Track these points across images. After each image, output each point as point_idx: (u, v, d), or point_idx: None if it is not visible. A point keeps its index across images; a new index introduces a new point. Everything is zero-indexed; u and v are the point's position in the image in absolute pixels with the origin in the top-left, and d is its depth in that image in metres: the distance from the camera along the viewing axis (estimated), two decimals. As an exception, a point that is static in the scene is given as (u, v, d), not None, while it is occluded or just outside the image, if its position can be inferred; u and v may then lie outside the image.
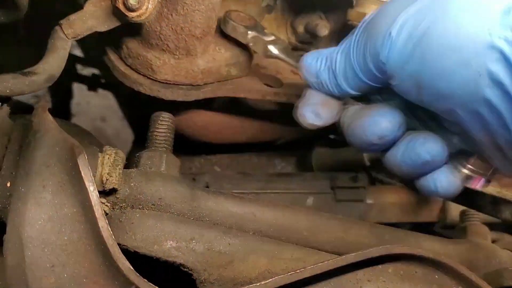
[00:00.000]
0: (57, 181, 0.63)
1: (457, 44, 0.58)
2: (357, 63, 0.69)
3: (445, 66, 0.60)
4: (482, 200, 0.95)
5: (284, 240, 0.79)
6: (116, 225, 0.70)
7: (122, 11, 0.77)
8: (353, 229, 0.84)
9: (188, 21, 0.82)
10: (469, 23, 0.58)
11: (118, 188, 0.72)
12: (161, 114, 0.82)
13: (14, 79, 0.74)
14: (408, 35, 0.62)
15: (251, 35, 0.87)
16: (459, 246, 0.91)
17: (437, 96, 0.63)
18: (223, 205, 0.78)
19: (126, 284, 0.61)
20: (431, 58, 0.60)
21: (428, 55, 0.60)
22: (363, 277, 0.70)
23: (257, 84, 0.96)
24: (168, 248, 0.69)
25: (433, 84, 0.62)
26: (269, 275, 0.71)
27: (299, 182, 1.06)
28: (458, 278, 0.71)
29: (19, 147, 0.69)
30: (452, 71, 0.59)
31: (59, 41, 0.79)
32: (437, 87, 0.62)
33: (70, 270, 0.61)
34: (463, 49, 0.58)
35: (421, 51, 0.61)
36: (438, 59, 0.60)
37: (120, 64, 0.90)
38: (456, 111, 0.63)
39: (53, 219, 0.62)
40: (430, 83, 0.62)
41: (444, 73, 0.60)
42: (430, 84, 0.62)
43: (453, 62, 0.59)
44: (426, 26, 0.60)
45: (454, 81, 0.60)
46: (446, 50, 0.59)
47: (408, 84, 0.65)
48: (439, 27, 0.60)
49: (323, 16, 1.02)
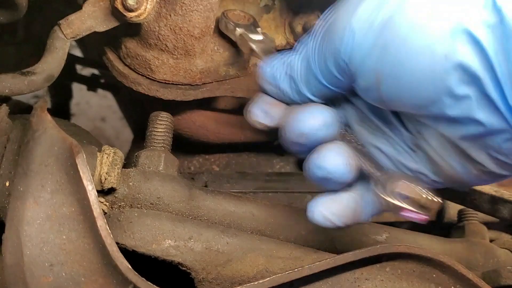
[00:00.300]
0: (56, 180, 0.63)
1: (420, 29, 0.54)
2: (318, 66, 0.64)
3: (408, 51, 0.55)
4: (480, 199, 0.95)
5: (282, 239, 0.79)
6: (115, 224, 0.70)
7: (121, 11, 0.77)
8: (351, 228, 0.84)
9: (187, 21, 0.83)
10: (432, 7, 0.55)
11: (117, 188, 0.72)
12: (159, 113, 0.82)
13: (13, 79, 0.74)
14: (369, 25, 0.57)
15: (239, 32, 0.87)
16: (457, 245, 0.91)
17: (398, 90, 0.58)
18: (221, 204, 0.78)
19: (125, 283, 0.61)
20: (393, 46, 0.56)
21: (390, 43, 0.56)
22: (361, 275, 0.70)
23: (255, 84, 0.96)
24: (167, 247, 0.70)
25: (394, 74, 0.57)
26: (267, 274, 0.71)
27: (298, 182, 1.06)
28: (456, 276, 0.71)
29: (18, 146, 0.69)
30: (415, 56, 0.55)
31: (58, 41, 0.79)
32: (399, 77, 0.57)
33: (68, 269, 0.62)
34: (427, 33, 0.54)
35: (383, 41, 0.57)
36: (401, 45, 0.55)
37: (119, 64, 0.90)
38: (418, 105, 0.58)
39: (52, 218, 0.62)
40: (391, 74, 0.57)
41: (406, 59, 0.55)
42: (391, 76, 0.57)
43: (416, 46, 0.55)
44: (388, 13, 0.56)
45: (417, 68, 0.55)
46: (409, 34, 0.55)
47: (369, 80, 0.60)
48: (402, 12, 0.55)
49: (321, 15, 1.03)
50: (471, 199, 0.96)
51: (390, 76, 0.57)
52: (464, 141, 0.58)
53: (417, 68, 0.55)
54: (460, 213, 1.03)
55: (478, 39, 0.52)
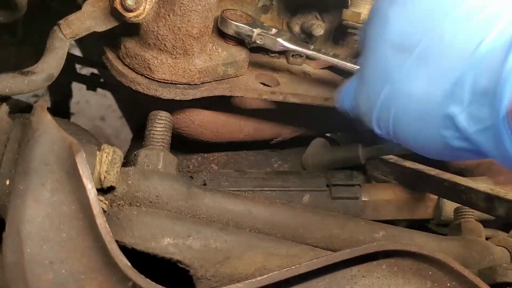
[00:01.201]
0: (56, 179, 0.64)
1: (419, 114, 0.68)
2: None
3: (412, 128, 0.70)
4: (476, 197, 0.96)
5: (280, 237, 0.80)
6: (114, 223, 0.70)
7: (120, 12, 0.78)
8: (348, 226, 0.84)
9: (185, 21, 0.83)
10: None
11: (116, 186, 0.72)
12: (158, 113, 0.83)
13: (13, 78, 0.75)
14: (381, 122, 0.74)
15: (257, 32, 0.89)
16: (453, 243, 0.92)
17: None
18: (219, 202, 0.78)
19: (124, 280, 0.62)
20: (402, 127, 0.71)
21: (399, 126, 0.71)
22: (358, 273, 0.71)
23: (253, 83, 0.97)
24: (165, 245, 0.70)
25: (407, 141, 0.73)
26: (265, 271, 0.72)
27: (296, 180, 1.07)
28: (452, 274, 0.72)
29: (18, 145, 0.70)
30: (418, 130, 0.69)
31: (57, 41, 0.80)
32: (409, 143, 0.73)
33: (68, 266, 0.62)
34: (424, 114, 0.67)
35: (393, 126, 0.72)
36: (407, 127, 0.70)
37: (118, 64, 0.90)
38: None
39: (52, 216, 0.63)
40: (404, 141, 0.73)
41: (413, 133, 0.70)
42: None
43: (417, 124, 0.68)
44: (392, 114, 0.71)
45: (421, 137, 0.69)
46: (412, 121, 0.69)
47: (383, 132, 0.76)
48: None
49: (319, 16, 1.03)
50: (467, 197, 0.97)
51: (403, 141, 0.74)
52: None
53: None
54: (456, 211, 1.04)
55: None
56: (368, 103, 0.75)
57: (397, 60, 0.69)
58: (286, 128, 1.13)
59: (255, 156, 1.16)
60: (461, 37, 0.63)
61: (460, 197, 0.98)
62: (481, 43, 0.61)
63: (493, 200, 0.94)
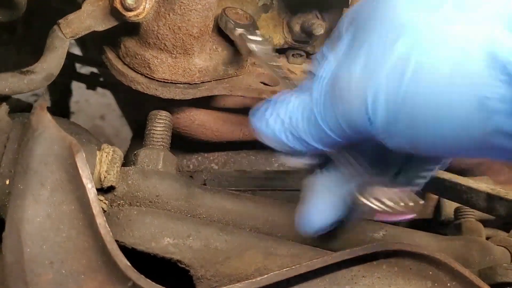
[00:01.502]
0: (55, 178, 0.64)
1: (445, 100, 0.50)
2: (327, 124, 0.59)
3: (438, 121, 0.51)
4: (477, 197, 0.95)
5: (280, 236, 0.80)
6: (114, 222, 0.70)
7: (120, 11, 0.78)
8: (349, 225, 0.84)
9: (185, 21, 0.83)
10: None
11: (116, 186, 0.72)
12: (158, 112, 0.83)
13: (13, 78, 0.75)
14: (387, 102, 0.52)
15: (238, 32, 0.87)
16: (453, 242, 0.92)
17: (437, 144, 0.53)
18: (220, 202, 0.78)
19: (124, 280, 0.62)
20: (421, 117, 0.52)
21: (416, 115, 0.52)
22: (358, 273, 0.71)
23: (253, 83, 0.97)
24: (165, 244, 0.70)
25: (430, 138, 0.53)
26: (265, 271, 0.72)
27: (297, 180, 1.07)
28: (452, 274, 0.72)
29: (18, 145, 0.70)
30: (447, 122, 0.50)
31: (57, 40, 0.80)
32: (435, 138, 0.52)
33: (68, 266, 0.62)
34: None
35: (408, 114, 0.52)
36: (429, 116, 0.51)
37: (118, 63, 0.90)
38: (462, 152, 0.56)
39: (52, 216, 0.63)
40: (426, 138, 0.53)
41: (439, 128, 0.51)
42: (427, 139, 0.53)
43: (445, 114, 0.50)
44: (405, 87, 0.51)
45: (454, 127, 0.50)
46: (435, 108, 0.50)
47: (400, 139, 0.55)
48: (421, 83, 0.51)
49: (319, 15, 1.03)
50: (467, 197, 0.96)
51: (426, 142, 0.54)
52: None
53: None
54: (456, 211, 1.04)
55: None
56: (365, 73, 0.54)
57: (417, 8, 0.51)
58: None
59: (256, 156, 1.16)
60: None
61: (461, 196, 0.97)
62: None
63: (493, 200, 0.93)
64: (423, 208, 1.13)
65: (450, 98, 0.49)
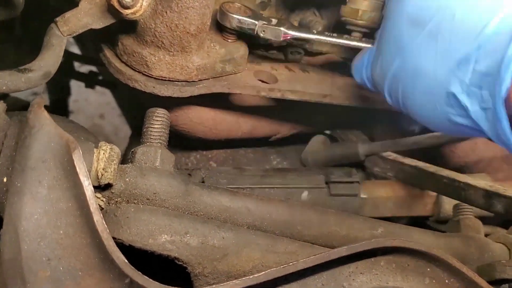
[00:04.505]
0: (53, 176, 0.64)
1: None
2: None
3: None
4: (475, 194, 0.95)
5: (278, 234, 0.80)
6: (111, 220, 0.70)
7: (117, 9, 0.77)
8: (347, 223, 0.84)
9: (183, 18, 0.83)
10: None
11: (113, 183, 0.72)
12: (156, 110, 0.83)
13: (10, 76, 0.75)
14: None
15: (259, 24, 0.89)
16: (452, 239, 0.92)
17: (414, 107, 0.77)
18: (217, 199, 0.78)
19: (121, 277, 0.62)
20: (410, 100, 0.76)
21: (407, 98, 0.76)
22: (356, 269, 0.71)
23: (251, 80, 0.97)
24: (163, 242, 0.70)
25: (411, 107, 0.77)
26: (263, 268, 0.72)
27: (294, 177, 1.07)
28: (450, 270, 0.72)
29: (15, 143, 0.70)
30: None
31: (54, 38, 0.80)
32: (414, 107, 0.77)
33: (65, 263, 0.62)
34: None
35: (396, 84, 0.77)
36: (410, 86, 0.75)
37: (116, 61, 0.90)
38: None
39: (49, 213, 0.63)
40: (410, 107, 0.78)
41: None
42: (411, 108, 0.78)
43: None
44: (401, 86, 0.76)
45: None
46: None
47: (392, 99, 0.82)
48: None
49: (317, 12, 1.03)
50: (466, 194, 0.97)
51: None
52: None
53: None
54: (455, 208, 1.04)
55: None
56: (381, 73, 0.79)
57: (410, 33, 0.72)
58: (284, 125, 1.13)
59: (254, 154, 1.17)
60: (471, 17, 0.65)
61: (459, 194, 0.97)
62: (487, 26, 0.63)
63: (492, 196, 0.94)
64: (422, 206, 1.14)
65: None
